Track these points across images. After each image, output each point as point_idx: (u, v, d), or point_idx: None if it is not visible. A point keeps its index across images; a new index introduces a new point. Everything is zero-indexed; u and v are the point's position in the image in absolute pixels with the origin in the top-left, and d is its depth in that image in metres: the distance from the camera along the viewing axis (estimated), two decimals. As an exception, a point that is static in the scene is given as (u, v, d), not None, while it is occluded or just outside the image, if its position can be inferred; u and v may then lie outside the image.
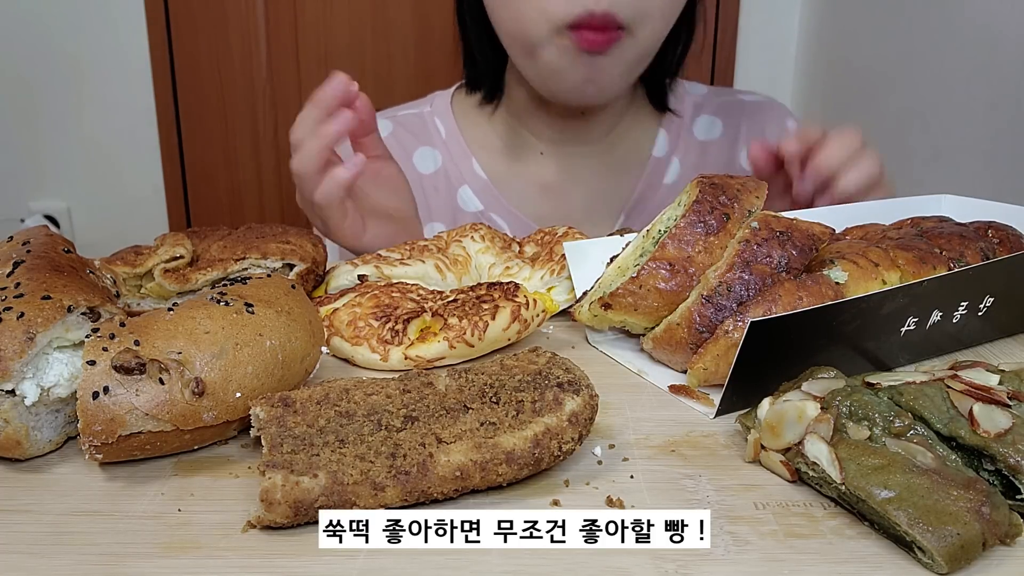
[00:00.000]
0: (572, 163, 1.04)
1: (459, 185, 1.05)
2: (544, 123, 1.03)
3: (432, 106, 1.10)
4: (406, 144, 1.06)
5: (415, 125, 1.08)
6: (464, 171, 1.05)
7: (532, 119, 1.03)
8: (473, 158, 1.05)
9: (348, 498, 0.41)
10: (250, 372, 0.47)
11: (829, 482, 0.43)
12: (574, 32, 0.84)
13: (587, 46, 0.85)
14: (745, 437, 0.48)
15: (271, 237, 0.70)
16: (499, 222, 1.04)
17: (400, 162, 1.02)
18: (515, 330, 0.61)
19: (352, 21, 2.03)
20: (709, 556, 0.40)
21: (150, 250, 0.68)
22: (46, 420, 0.48)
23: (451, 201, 1.05)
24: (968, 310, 0.59)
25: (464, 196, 1.05)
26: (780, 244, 0.57)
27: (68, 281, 0.51)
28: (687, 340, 0.57)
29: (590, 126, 1.03)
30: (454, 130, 1.06)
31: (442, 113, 1.08)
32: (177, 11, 2.05)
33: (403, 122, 1.09)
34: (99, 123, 2.10)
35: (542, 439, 0.44)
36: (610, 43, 0.85)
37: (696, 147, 1.06)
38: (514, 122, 1.05)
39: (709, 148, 1.07)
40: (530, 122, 1.04)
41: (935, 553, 0.38)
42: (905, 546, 0.40)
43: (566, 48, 0.86)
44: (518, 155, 1.06)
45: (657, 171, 1.05)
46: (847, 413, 0.45)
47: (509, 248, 0.78)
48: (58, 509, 0.44)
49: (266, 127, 2.13)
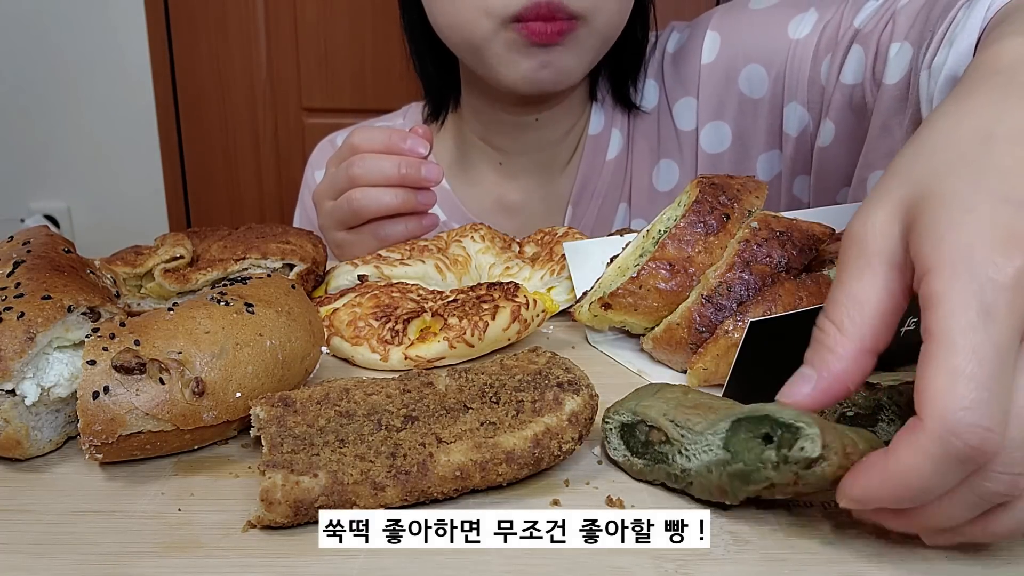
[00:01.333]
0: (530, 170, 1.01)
1: None
2: (500, 133, 1.00)
3: (405, 117, 1.10)
4: None
5: None
6: None
7: (486, 130, 1.01)
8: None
9: (348, 498, 0.41)
10: (250, 372, 0.47)
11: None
12: (520, 25, 0.80)
13: (538, 39, 0.80)
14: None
15: (271, 237, 0.70)
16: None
17: None
18: (515, 330, 0.61)
19: (352, 21, 2.03)
20: (709, 556, 0.40)
21: (150, 250, 0.68)
22: (46, 420, 0.48)
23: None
24: (968, 310, 0.59)
25: None
26: (780, 244, 0.57)
27: (68, 281, 0.51)
28: (687, 340, 0.57)
29: (546, 131, 0.99)
30: None
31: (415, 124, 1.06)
32: (177, 11, 2.05)
33: None
34: (99, 123, 2.10)
35: (542, 439, 0.44)
36: (561, 33, 0.81)
37: (628, 113, 1.01)
38: (471, 135, 1.03)
39: (642, 115, 1.01)
40: (484, 133, 1.01)
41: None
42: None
43: (514, 41, 0.82)
44: (472, 174, 1.04)
45: (597, 150, 1.00)
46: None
47: (509, 248, 0.78)
48: (58, 509, 0.44)
49: (266, 127, 2.13)
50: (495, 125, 1.00)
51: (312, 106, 2.11)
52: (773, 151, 0.95)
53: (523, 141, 1.00)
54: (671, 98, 0.98)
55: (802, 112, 0.90)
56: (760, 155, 0.96)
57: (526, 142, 1.00)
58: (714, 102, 0.95)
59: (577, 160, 1.01)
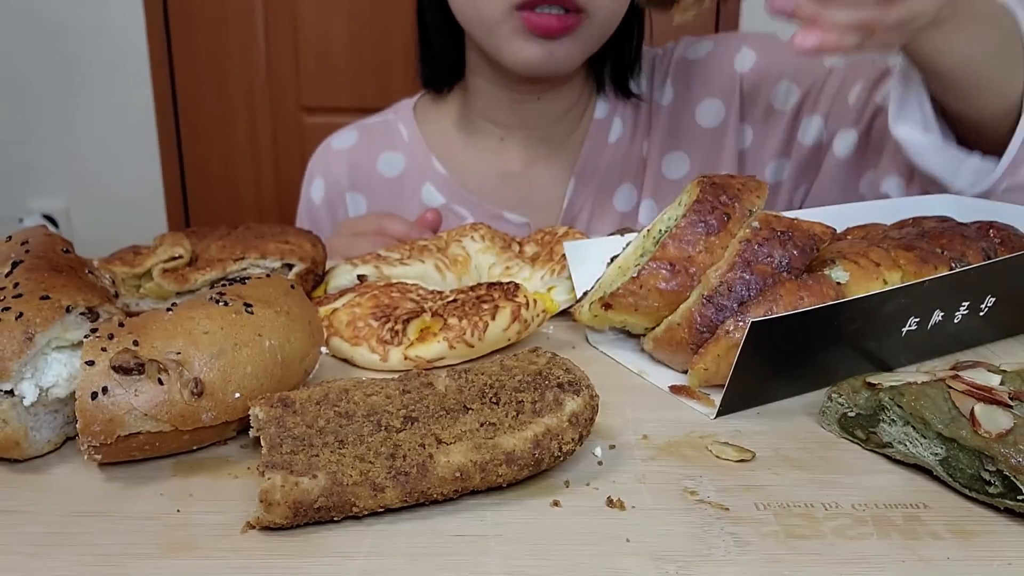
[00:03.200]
0: (530, 145, 1.08)
1: (422, 184, 1.09)
2: (502, 109, 1.06)
3: (396, 113, 1.15)
4: (372, 150, 1.12)
5: (380, 132, 1.13)
6: (425, 170, 1.09)
7: (490, 107, 1.07)
8: (433, 156, 1.10)
9: (347, 499, 0.41)
10: (249, 372, 0.47)
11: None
12: (523, 14, 0.86)
13: (543, 32, 0.87)
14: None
15: (270, 237, 0.70)
16: (462, 212, 1.07)
17: (366, 167, 1.10)
18: (515, 330, 0.61)
19: (352, 21, 2.03)
20: (710, 557, 0.39)
21: (149, 250, 0.68)
22: (45, 420, 0.48)
23: (415, 199, 1.09)
24: (970, 310, 0.59)
25: (427, 193, 1.09)
26: (781, 244, 0.57)
27: (67, 281, 0.51)
28: (688, 340, 0.57)
29: (547, 109, 1.06)
30: (415, 133, 1.11)
31: (405, 118, 1.13)
32: (176, 11, 2.05)
33: (369, 130, 1.14)
34: (98, 123, 2.10)
35: (542, 440, 0.43)
36: (567, 29, 0.87)
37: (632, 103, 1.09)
38: (472, 114, 1.09)
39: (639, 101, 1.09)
40: (488, 110, 1.07)
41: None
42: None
43: (519, 28, 0.88)
44: (477, 144, 1.10)
45: (600, 132, 1.08)
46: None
47: (509, 248, 0.78)
48: (57, 509, 0.44)
49: (265, 127, 2.13)
50: (498, 102, 1.06)
51: (311, 105, 2.11)
52: (783, 159, 1.03)
53: (524, 117, 1.06)
54: (694, 97, 1.06)
55: (820, 123, 0.98)
56: (771, 161, 1.04)
57: (526, 118, 1.06)
58: (743, 107, 1.05)
59: (581, 138, 1.08)
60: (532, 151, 1.08)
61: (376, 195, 1.11)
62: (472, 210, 1.07)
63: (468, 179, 1.09)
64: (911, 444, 0.46)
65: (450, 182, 1.08)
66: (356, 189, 1.11)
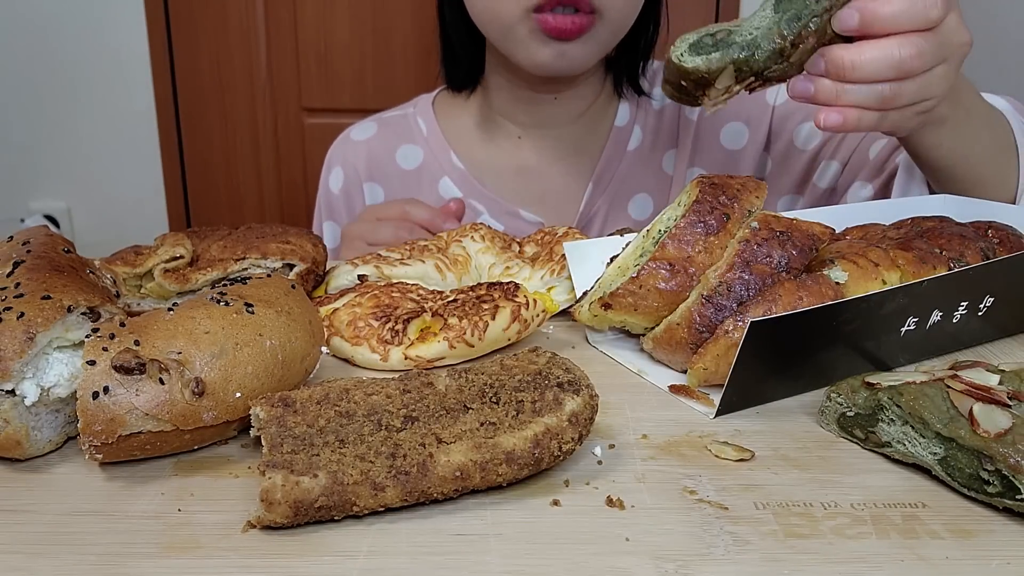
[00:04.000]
0: (547, 144, 1.10)
1: (439, 177, 1.11)
2: (520, 109, 1.08)
3: (416, 107, 1.17)
4: (390, 143, 1.13)
5: (399, 125, 1.15)
6: (443, 163, 1.11)
7: (508, 106, 1.09)
8: (452, 151, 1.11)
9: (348, 498, 0.41)
10: (250, 372, 0.47)
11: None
12: (539, 16, 0.88)
13: (557, 34, 0.89)
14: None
15: (271, 237, 0.70)
16: (478, 207, 1.09)
17: (384, 159, 1.12)
18: (515, 330, 0.61)
19: (352, 21, 2.03)
20: (709, 556, 0.40)
21: (150, 250, 0.68)
22: (46, 420, 0.48)
23: (433, 192, 1.10)
24: (968, 310, 0.59)
25: (444, 187, 1.10)
26: (780, 244, 0.57)
27: (68, 281, 0.51)
28: (687, 340, 0.57)
29: (563, 109, 1.08)
30: (434, 127, 1.13)
31: (424, 113, 1.15)
32: (177, 11, 2.05)
33: (388, 123, 1.16)
34: (99, 123, 2.10)
35: (542, 439, 0.44)
36: (580, 30, 0.89)
37: (654, 115, 1.11)
38: (491, 112, 1.11)
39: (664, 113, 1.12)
40: (507, 109, 1.09)
41: None
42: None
43: (535, 30, 0.90)
44: (496, 141, 1.11)
45: (620, 140, 1.10)
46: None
47: (509, 248, 0.78)
48: (58, 509, 0.44)
49: (266, 127, 2.13)
50: (516, 101, 1.08)
51: (312, 106, 2.11)
52: (797, 195, 1.06)
53: (541, 117, 1.08)
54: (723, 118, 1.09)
55: (837, 170, 1.00)
56: (785, 194, 1.07)
57: (543, 118, 1.08)
58: (767, 138, 1.08)
59: (601, 144, 1.10)
60: (549, 151, 1.09)
61: (393, 187, 1.12)
62: (488, 206, 1.08)
63: (485, 175, 1.10)
64: (910, 444, 0.46)
65: (467, 177, 1.09)
66: (374, 180, 1.12)
